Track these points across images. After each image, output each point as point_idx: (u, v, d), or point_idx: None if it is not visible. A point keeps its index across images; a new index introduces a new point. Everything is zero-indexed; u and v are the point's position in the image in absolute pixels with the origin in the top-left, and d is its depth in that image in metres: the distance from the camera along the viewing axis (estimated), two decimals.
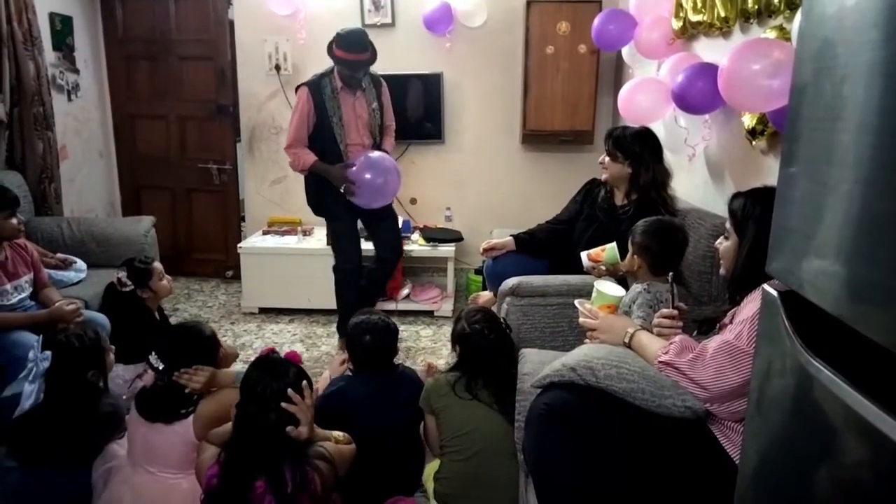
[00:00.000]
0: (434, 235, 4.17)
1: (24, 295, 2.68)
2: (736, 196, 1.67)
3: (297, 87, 3.27)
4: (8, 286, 2.61)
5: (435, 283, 4.30)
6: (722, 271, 1.72)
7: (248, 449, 1.60)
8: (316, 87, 3.21)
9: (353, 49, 3.10)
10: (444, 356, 3.43)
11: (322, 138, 3.23)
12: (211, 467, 1.63)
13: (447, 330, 3.13)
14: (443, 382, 2.15)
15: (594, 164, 2.75)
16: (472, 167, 4.47)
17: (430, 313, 4.05)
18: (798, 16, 1.83)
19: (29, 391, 2.00)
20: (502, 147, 4.43)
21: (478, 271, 4.05)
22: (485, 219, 4.39)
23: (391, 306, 3.89)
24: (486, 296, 3.12)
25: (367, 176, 3.13)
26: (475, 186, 4.50)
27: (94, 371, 2.04)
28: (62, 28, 4.06)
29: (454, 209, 4.49)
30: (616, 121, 4.05)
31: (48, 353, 1.98)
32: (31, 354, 2.01)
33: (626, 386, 1.54)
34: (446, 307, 4.08)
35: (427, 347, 3.62)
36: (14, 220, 2.65)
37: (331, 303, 3.65)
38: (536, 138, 4.23)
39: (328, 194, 3.26)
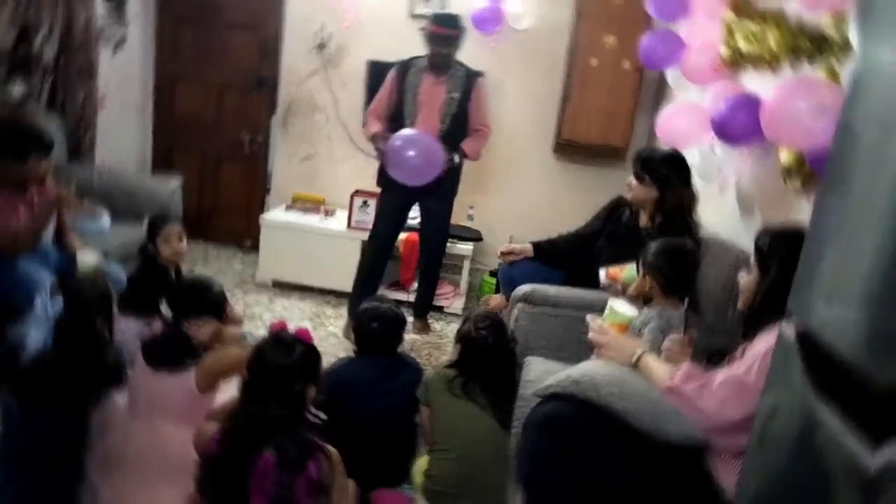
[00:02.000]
0: (454, 232, 4.16)
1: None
2: (764, 232, 1.65)
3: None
4: None
5: (449, 279, 4.30)
6: (740, 305, 1.71)
7: (251, 418, 1.61)
8: (405, 65, 3.38)
9: (437, 22, 3.27)
10: (447, 352, 3.43)
11: (396, 116, 3.35)
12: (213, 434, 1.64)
13: (455, 327, 3.14)
14: (441, 377, 2.17)
15: (624, 181, 2.73)
16: (500, 168, 4.45)
17: (440, 308, 4.05)
18: (852, 58, 1.80)
19: (36, 337, 2.02)
20: (534, 152, 4.42)
21: (493, 273, 4.05)
22: (506, 222, 4.38)
23: (403, 296, 3.90)
24: (497, 299, 3.12)
25: (396, 145, 3.11)
26: (501, 188, 4.49)
27: (101, 318, 2.08)
28: None
29: (477, 208, 4.49)
30: (651, 141, 4.02)
31: (58, 297, 2.01)
32: (38, 301, 2.03)
33: (627, 405, 1.53)
34: (457, 304, 4.08)
35: (432, 342, 3.63)
36: (45, 164, 2.67)
37: (343, 285, 3.67)
38: (569, 148, 4.21)
39: (384, 169, 3.38)
